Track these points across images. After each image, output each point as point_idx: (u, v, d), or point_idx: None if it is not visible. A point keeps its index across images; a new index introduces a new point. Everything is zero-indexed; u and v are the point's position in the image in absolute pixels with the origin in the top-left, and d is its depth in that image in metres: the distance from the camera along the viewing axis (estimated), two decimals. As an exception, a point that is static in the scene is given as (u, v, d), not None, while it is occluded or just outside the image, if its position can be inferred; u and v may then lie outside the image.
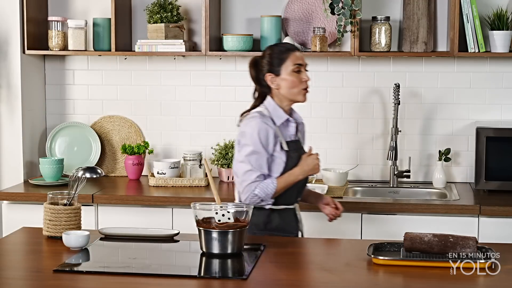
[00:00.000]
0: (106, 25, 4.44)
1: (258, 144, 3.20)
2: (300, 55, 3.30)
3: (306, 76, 3.28)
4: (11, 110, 4.44)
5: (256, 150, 3.20)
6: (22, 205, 4.13)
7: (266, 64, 3.30)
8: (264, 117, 3.25)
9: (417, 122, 4.45)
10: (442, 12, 4.36)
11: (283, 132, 3.30)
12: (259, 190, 3.19)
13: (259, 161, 3.21)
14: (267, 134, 3.22)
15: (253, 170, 3.20)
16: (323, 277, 2.60)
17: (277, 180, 3.22)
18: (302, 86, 3.27)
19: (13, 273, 2.68)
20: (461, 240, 2.74)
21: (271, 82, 3.29)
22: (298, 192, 3.37)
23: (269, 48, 3.35)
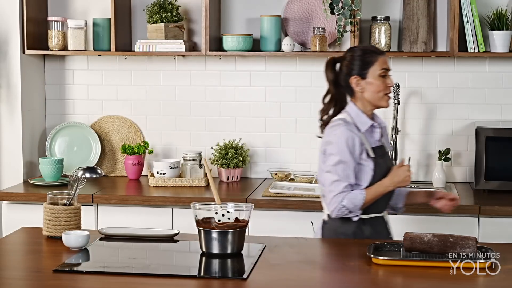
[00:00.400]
0: (106, 25, 4.44)
1: (344, 153, 3.11)
2: (386, 59, 3.21)
3: (391, 81, 3.19)
4: (11, 110, 4.44)
5: (343, 160, 3.11)
6: (22, 205, 4.13)
7: (351, 66, 3.19)
8: (348, 124, 3.15)
9: (417, 122, 4.44)
10: (442, 12, 4.36)
11: (368, 138, 3.19)
12: (347, 201, 3.10)
13: (346, 171, 3.11)
14: (354, 142, 3.12)
15: (340, 180, 3.10)
16: (323, 277, 2.59)
17: (366, 191, 3.11)
18: (386, 91, 3.17)
19: (13, 273, 2.68)
20: (461, 240, 2.74)
21: (356, 85, 3.17)
22: (388, 199, 3.25)
23: (355, 51, 3.22)
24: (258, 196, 4.03)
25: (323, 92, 4.52)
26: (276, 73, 4.52)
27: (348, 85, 3.20)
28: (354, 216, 3.13)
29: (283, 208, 3.95)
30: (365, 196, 3.11)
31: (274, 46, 4.34)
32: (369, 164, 3.14)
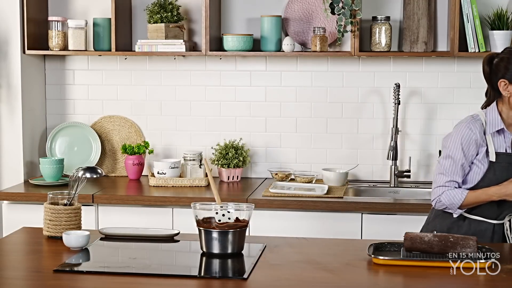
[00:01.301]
0: (106, 25, 4.44)
1: (456, 150, 3.09)
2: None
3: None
4: (11, 110, 4.44)
5: (452, 155, 3.09)
6: (22, 205, 4.13)
7: (503, 68, 3.07)
8: (475, 121, 3.11)
9: (417, 122, 4.45)
10: (442, 12, 4.36)
11: (496, 141, 3.10)
12: (445, 196, 3.09)
13: (452, 167, 3.09)
14: (470, 141, 3.08)
15: (445, 174, 3.10)
16: (323, 277, 2.59)
17: (468, 193, 3.07)
18: None
19: (13, 273, 2.68)
20: (461, 240, 2.74)
21: (504, 88, 3.06)
22: (503, 208, 3.11)
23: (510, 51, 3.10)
24: (259, 196, 4.03)
25: (323, 92, 4.55)
26: (277, 73, 4.52)
27: (496, 86, 3.10)
28: (454, 212, 3.13)
29: (283, 208, 3.95)
30: (465, 197, 3.07)
31: (275, 46, 4.34)
32: (483, 166, 3.10)
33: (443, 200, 3.11)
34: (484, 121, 3.12)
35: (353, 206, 3.90)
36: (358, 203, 3.92)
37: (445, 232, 3.05)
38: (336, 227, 3.89)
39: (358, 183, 4.42)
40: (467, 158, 3.10)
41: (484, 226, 3.14)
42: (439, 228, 3.16)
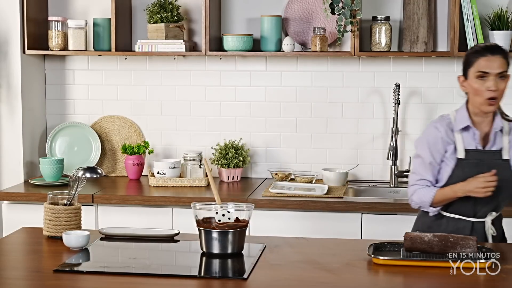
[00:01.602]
0: (106, 25, 4.44)
1: (423, 149, 3.15)
2: (489, 62, 3.03)
3: (492, 84, 3.02)
4: (11, 110, 4.44)
5: (420, 155, 3.15)
6: (22, 205, 4.13)
7: (462, 64, 3.15)
8: (442, 120, 3.17)
9: (417, 122, 4.44)
10: (442, 12, 4.36)
11: (465, 138, 3.12)
12: (416, 195, 3.14)
13: (422, 166, 3.14)
14: (436, 141, 3.13)
15: (415, 173, 3.16)
16: (323, 277, 2.60)
17: (436, 191, 3.10)
18: (486, 95, 3.03)
19: (13, 273, 2.68)
20: (461, 240, 2.74)
21: (461, 84, 3.15)
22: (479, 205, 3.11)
23: (471, 48, 3.21)
24: (259, 196, 4.03)
25: (323, 92, 4.55)
26: (277, 73, 4.52)
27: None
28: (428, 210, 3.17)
29: (283, 208, 3.95)
30: (434, 195, 3.10)
31: (275, 46, 4.34)
32: (451, 164, 3.12)
33: (415, 199, 3.16)
34: (454, 119, 3.15)
35: (353, 206, 3.90)
36: (358, 203, 3.92)
37: (426, 231, 3.07)
38: (336, 227, 3.89)
39: (358, 183, 4.42)
40: (434, 157, 3.13)
41: (462, 224, 3.14)
42: (421, 227, 3.19)
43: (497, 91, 3.04)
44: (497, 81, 3.04)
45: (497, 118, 3.13)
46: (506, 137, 3.13)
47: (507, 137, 3.13)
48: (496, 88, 3.04)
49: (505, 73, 3.06)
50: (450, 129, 3.14)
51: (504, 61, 3.06)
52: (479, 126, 3.14)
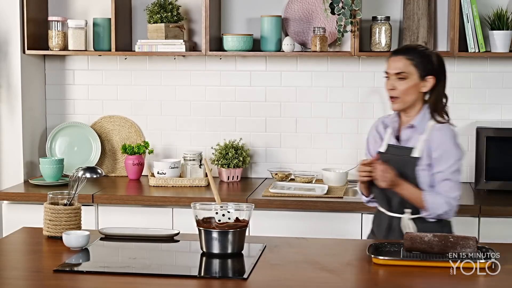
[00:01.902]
0: (106, 25, 4.44)
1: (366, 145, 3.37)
2: (390, 62, 3.17)
3: (390, 84, 3.16)
4: (11, 110, 4.44)
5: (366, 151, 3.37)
6: (22, 205, 4.13)
7: None
8: (382, 118, 3.34)
9: (417, 122, 4.44)
10: (442, 12, 4.36)
11: (393, 134, 3.25)
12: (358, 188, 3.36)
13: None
14: (370, 137, 3.34)
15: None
16: (323, 277, 2.59)
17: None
18: (388, 94, 3.18)
19: (13, 273, 2.68)
20: (461, 240, 2.74)
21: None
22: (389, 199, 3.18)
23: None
24: (259, 196, 4.03)
25: (323, 92, 4.55)
26: (277, 73, 4.52)
27: None
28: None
29: (283, 208, 3.95)
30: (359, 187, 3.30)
31: (275, 46, 4.34)
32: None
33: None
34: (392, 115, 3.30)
35: (353, 206, 3.90)
36: (358, 203, 3.92)
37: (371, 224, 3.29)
38: (336, 227, 3.89)
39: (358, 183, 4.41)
40: (370, 152, 3.32)
41: (384, 217, 3.23)
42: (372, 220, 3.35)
43: (395, 91, 3.14)
44: (395, 81, 3.14)
45: (417, 117, 3.19)
46: (423, 136, 3.16)
47: (424, 136, 3.16)
48: (392, 88, 3.15)
49: (403, 74, 3.13)
50: (384, 125, 3.30)
51: (407, 62, 3.14)
52: (406, 124, 3.23)
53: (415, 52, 3.18)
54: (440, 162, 3.10)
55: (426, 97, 3.22)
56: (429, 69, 3.17)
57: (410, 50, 3.20)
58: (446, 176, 3.10)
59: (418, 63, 3.15)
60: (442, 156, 3.11)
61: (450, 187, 3.10)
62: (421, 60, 3.16)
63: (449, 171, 3.10)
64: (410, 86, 3.15)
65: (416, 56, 3.16)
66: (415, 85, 3.16)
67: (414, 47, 3.28)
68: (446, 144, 3.13)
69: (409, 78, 3.14)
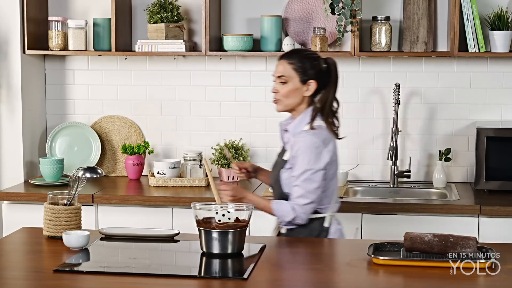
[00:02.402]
0: (106, 25, 4.44)
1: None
2: (276, 66, 3.24)
3: (273, 87, 3.24)
4: (11, 110, 4.44)
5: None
6: (22, 205, 4.13)
7: None
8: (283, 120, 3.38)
9: (417, 122, 4.44)
10: (442, 12, 4.36)
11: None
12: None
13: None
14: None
15: None
16: (323, 277, 2.59)
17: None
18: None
19: (13, 273, 2.68)
20: (461, 240, 2.74)
21: None
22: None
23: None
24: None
25: (324, 92, 4.54)
26: (277, 73, 4.52)
27: None
28: None
29: (284, 208, 3.94)
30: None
31: (275, 46, 4.34)
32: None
33: None
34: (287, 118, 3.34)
35: (353, 206, 3.90)
36: (358, 203, 3.92)
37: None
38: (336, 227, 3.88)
39: (358, 183, 4.42)
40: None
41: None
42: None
43: (277, 94, 3.21)
44: (278, 84, 3.20)
45: (295, 121, 3.22)
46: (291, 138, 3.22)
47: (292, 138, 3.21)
48: (274, 90, 3.22)
49: (283, 77, 3.18)
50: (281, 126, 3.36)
51: (288, 66, 3.19)
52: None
53: (297, 57, 3.21)
54: (295, 168, 3.14)
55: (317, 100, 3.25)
56: (310, 74, 3.18)
57: (293, 55, 3.23)
58: (297, 182, 3.12)
59: (299, 67, 3.19)
60: (297, 163, 3.13)
61: (299, 194, 3.11)
62: (302, 65, 3.18)
63: (300, 178, 3.11)
64: (290, 90, 3.19)
65: (297, 61, 3.19)
66: (296, 89, 3.19)
67: (297, 51, 3.33)
68: (302, 151, 3.12)
69: (289, 82, 3.19)
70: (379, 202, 3.94)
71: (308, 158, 3.09)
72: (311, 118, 3.18)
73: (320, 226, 3.18)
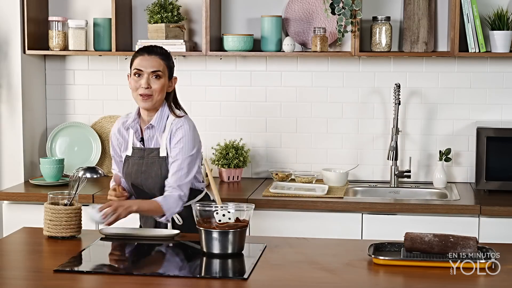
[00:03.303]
0: (106, 25, 4.44)
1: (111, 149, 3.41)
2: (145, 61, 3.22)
3: (144, 82, 3.21)
4: (11, 110, 4.44)
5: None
6: (23, 205, 4.13)
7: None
8: (121, 118, 3.38)
9: (418, 122, 4.44)
10: (442, 12, 4.36)
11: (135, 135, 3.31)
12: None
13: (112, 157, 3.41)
14: (113, 135, 3.37)
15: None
16: (323, 277, 2.59)
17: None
18: (139, 91, 3.23)
19: (13, 273, 2.68)
20: (461, 240, 2.74)
21: (128, 80, 3.31)
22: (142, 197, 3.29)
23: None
24: (259, 196, 4.03)
25: (324, 92, 4.55)
26: (277, 73, 4.52)
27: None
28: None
29: (284, 208, 3.94)
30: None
31: (275, 46, 4.34)
32: (123, 160, 3.33)
33: None
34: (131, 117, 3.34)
35: (353, 206, 3.90)
36: (358, 203, 3.92)
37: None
38: (336, 227, 3.89)
39: (359, 183, 4.42)
40: (114, 150, 3.38)
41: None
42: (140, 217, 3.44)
43: (150, 89, 3.21)
44: (150, 79, 3.21)
45: (156, 116, 3.26)
46: (165, 134, 3.24)
47: (167, 134, 3.23)
48: (147, 86, 3.20)
49: (159, 72, 3.21)
50: (125, 127, 3.34)
51: (161, 62, 3.22)
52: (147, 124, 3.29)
53: (163, 52, 3.26)
54: (177, 156, 3.19)
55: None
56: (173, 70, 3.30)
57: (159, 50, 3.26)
58: (184, 171, 3.19)
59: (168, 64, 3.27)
60: (182, 149, 3.20)
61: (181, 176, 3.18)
62: (169, 62, 3.27)
63: (185, 162, 3.19)
64: (164, 84, 3.24)
65: (166, 57, 3.26)
66: (165, 85, 3.25)
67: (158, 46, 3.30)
68: (185, 137, 3.22)
69: (162, 77, 3.23)
70: (379, 202, 3.94)
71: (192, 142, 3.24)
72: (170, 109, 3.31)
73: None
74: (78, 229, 3.07)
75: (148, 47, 3.26)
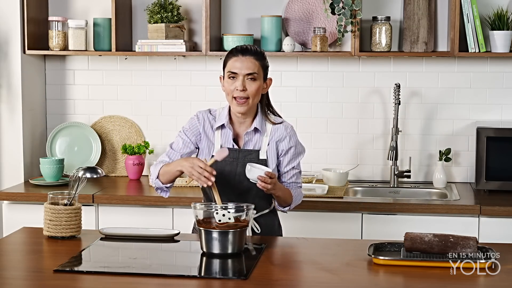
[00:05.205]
0: (106, 25, 4.45)
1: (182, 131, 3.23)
2: (238, 63, 3.08)
3: (239, 85, 3.07)
4: (11, 110, 4.44)
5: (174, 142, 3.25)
6: (22, 205, 4.13)
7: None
8: (207, 113, 3.25)
9: (418, 122, 4.45)
10: (442, 12, 4.36)
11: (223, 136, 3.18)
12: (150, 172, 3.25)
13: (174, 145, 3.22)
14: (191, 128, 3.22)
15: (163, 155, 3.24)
16: (323, 277, 2.59)
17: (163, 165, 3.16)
18: (235, 94, 3.09)
19: (13, 273, 2.68)
20: (461, 240, 2.74)
21: (221, 84, 3.20)
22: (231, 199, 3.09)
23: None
24: (259, 196, 4.02)
25: (324, 92, 4.55)
26: (277, 73, 4.52)
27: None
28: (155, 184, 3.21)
29: (284, 208, 3.94)
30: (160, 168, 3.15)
31: (275, 46, 4.35)
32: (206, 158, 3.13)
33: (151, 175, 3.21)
34: (218, 116, 3.21)
35: (353, 206, 3.90)
36: (358, 203, 3.92)
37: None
38: (336, 227, 3.89)
39: (359, 183, 4.42)
40: (185, 143, 3.20)
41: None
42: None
43: (245, 92, 3.08)
44: (245, 81, 3.07)
45: (256, 120, 3.17)
46: (266, 138, 3.17)
47: (267, 138, 3.17)
48: (243, 88, 3.07)
49: (255, 74, 3.08)
50: (211, 125, 3.21)
51: (256, 63, 3.10)
52: (237, 126, 3.19)
53: (257, 52, 3.13)
54: (295, 159, 3.24)
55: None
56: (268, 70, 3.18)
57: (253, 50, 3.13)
58: (299, 169, 3.28)
59: (264, 64, 3.15)
60: (295, 153, 3.23)
61: (299, 178, 3.29)
62: (265, 62, 3.16)
63: (300, 165, 3.29)
64: (259, 87, 3.12)
65: (261, 57, 3.14)
66: (260, 87, 3.13)
67: (252, 46, 3.16)
68: (294, 141, 3.23)
69: (257, 80, 3.11)
70: (379, 202, 3.94)
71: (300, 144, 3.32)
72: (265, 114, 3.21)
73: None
74: (78, 229, 3.07)
75: (242, 47, 3.11)
